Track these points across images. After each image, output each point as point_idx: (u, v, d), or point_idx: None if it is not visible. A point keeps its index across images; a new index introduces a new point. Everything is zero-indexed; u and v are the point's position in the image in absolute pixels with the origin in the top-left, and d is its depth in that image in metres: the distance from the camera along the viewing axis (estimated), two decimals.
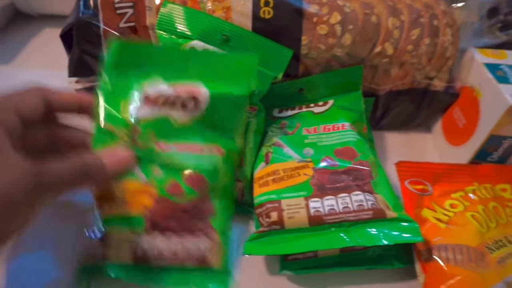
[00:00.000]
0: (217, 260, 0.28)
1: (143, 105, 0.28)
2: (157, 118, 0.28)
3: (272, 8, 0.32)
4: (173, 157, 0.28)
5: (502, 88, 0.32)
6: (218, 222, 0.28)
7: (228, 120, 0.30)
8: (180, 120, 0.28)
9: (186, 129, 0.28)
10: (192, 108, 0.28)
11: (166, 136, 0.28)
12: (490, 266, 0.27)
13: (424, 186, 0.32)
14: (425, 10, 0.35)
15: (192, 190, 0.27)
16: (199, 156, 0.28)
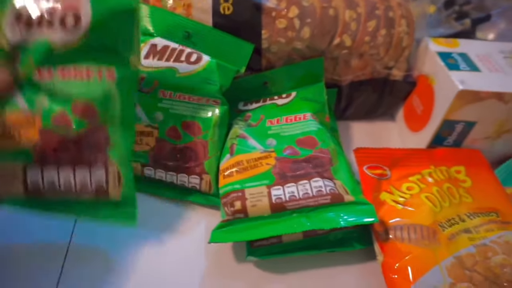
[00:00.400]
0: (116, 191, 0.27)
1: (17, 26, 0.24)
2: (34, 41, 0.25)
3: (232, 4, 0.33)
4: (58, 86, 0.25)
5: (453, 75, 0.34)
6: (116, 151, 0.26)
7: (118, 38, 0.26)
8: (61, 41, 0.25)
9: (70, 52, 0.25)
10: (72, 26, 0.25)
11: (48, 62, 0.25)
12: (441, 242, 0.29)
13: (383, 171, 0.33)
14: (381, 2, 0.37)
15: (81, 120, 0.25)
16: (87, 82, 0.26)
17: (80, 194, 0.26)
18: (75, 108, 0.25)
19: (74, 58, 0.25)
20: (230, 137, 0.34)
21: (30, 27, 0.24)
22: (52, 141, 0.25)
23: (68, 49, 0.25)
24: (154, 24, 0.34)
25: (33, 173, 0.25)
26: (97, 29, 0.25)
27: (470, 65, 0.35)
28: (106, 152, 0.26)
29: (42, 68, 0.25)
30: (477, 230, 0.30)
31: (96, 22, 0.25)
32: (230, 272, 0.30)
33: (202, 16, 0.34)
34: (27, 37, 0.25)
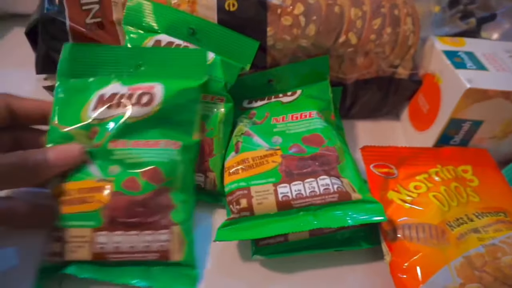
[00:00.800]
0: (179, 253, 0.28)
1: (99, 106, 0.29)
2: (113, 117, 0.28)
3: (237, 0, 0.33)
4: (130, 154, 0.28)
5: (459, 73, 0.33)
6: (178, 215, 0.28)
7: (182, 113, 0.30)
8: (136, 115, 0.29)
9: (142, 124, 0.29)
10: (146, 103, 0.29)
11: (123, 134, 0.28)
12: (450, 242, 0.28)
13: (389, 170, 0.33)
14: (386, 1, 0.37)
15: (148, 184, 0.28)
16: (155, 150, 0.29)
17: (144, 256, 0.27)
18: (144, 173, 0.28)
19: (146, 130, 0.29)
20: (235, 135, 0.33)
21: (110, 107, 0.29)
22: (121, 204, 0.27)
23: (140, 121, 0.29)
24: (158, 21, 0.33)
25: (101, 237, 0.26)
26: (167, 105, 0.29)
27: (476, 63, 0.35)
28: (169, 215, 0.28)
29: (116, 139, 0.28)
30: (485, 230, 0.29)
31: (166, 99, 0.29)
32: (235, 271, 0.30)
33: (207, 13, 0.33)
34: (106, 115, 0.28)
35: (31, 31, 0.35)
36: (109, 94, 0.29)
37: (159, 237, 0.27)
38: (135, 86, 0.30)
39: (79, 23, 0.34)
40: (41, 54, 0.35)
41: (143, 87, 0.29)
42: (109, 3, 0.34)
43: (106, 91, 0.29)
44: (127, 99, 0.29)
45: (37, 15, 0.34)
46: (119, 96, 0.29)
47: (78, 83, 0.30)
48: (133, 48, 0.32)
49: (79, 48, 0.30)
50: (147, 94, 0.29)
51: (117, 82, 0.30)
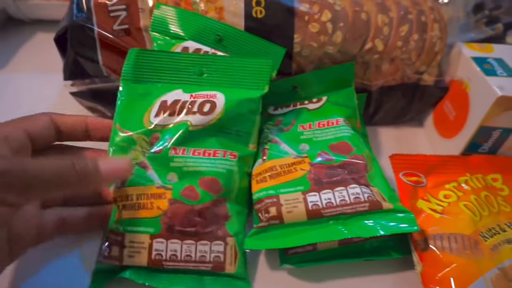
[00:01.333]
0: (232, 265, 0.28)
1: (161, 112, 0.29)
2: (175, 124, 0.29)
3: (264, 7, 0.33)
4: (189, 162, 0.28)
5: (490, 81, 0.33)
6: (233, 226, 0.28)
7: (242, 123, 0.30)
8: (197, 124, 0.29)
9: (202, 132, 0.29)
10: (208, 112, 0.29)
11: (183, 141, 0.29)
12: (484, 253, 0.28)
13: (418, 178, 0.32)
14: (413, 7, 0.36)
15: (207, 193, 0.28)
16: (214, 160, 0.29)
17: (198, 266, 0.27)
18: (202, 182, 0.28)
19: (204, 138, 0.29)
20: (261, 142, 0.33)
21: (172, 114, 0.29)
22: (180, 212, 0.27)
23: (201, 129, 0.29)
24: (185, 28, 0.33)
25: (159, 244, 0.27)
26: (227, 114, 0.29)
27: (507, 70, 0.34)
28: (225, 226, 0.28)
29: (177, 146, 0.28)
30: None
31: (227, 109, 0.29)
32: (263, 279, 0.29)
33: (234, 20, 0.33)
34: (168, 121, 0.29)
35: (59, 38, 0.35)
36: (172, 101, 0.29)
37: (214, 248, 0.27)
38: (197, 93, 0.30)
39: (106, 29, 0.34)
40: (69, 60, 0.35)
41: (205, 95, 0.30)
42: (137, 10, 0.34)
43: (169, 97, 0.30)
44: (189, 106, 0.29)
45: (66, 22, 0.34)
46: (182, 103, 0.29)
47: (141, 88, 0.30)
48: (196, 55, 0.32)
49: (143, 54, 0.30)
50: (209, 102, 0.29)
51: (179, 89, 0.30)
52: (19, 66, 0.47)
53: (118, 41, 0.34)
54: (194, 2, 0.33)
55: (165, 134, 0.29)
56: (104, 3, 0.34)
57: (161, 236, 0.27)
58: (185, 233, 0.27)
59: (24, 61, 0.48)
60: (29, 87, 0.44)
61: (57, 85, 0.42)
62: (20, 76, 0.45)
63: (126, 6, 0.34)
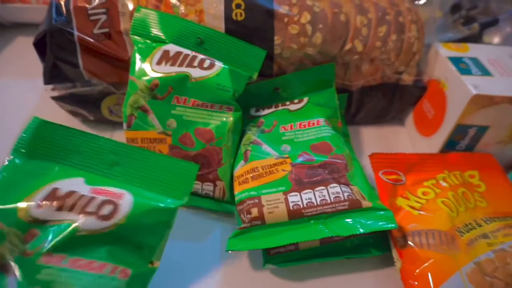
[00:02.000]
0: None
1: (48, 203, 0.23)
2: (59, 222, 0.23)
3: (244, 10, 0.33)
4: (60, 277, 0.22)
5: (465, 80, 0.34)
6: None
7: (147, 235, 0.25)
8: (88, 228, 0.23)
9: (92, 240, 0.23)
10: (106, 216, 0.23)
11: (64, 248, 0.23)
12: (460, 248, 0.28)
13: (398, 176, 0.33)
14: (391, 8, 0.37)
15: None
16: (97, 276, 0.23)
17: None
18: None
19: (93, 246, 0.23)
20: (243, 143, 0.34)
21: (60, 209, 0.23)
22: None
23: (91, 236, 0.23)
24: (165, 31, 0.34)
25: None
26: (131, 223, 0.24)
27: (482, 69, 0.35)
28: None
29: (53, 253, 0.22)
30: (494, 235, 0.29)
31: (132, 216, 0.24)
32: (247, 279, 0.30)
33: (215, 22, 0.33)
34: (52, 217, 0.23)
35: (38, 42, 0.35)
36: (65, 191, 0.24)
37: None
38: (100, 188, 0.24)
39: (86, 33, 0.34)
40: (49, 64, 0.35)
41: (109, 193, 0.24)
42: (117, 14, 0.34)
43: (64, 185, 0.24)
44: (85, 204, 0.23)
45: (45, 26, 0.34)
46: (77, 197, 0.24)
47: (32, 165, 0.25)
48: (115, 143, 0.26)
49: (48, 126, 0.25)
50: (111, 203, 0.24)
51: (81, 177, 0.25)
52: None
53: (98, 44, 0.34)
54: (174, 5, 0.34)
55: (44, 233, 0.23)
56: (83, 6, 0.34)
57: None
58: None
59: (4, 65, 0.47)
60: (10, 91, 0.44)
61: (39, 89, 0.42)
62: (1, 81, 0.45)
63: (106, 9, 0.34)
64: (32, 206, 0.23)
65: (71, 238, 0.23)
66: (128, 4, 0.34)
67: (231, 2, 0.33)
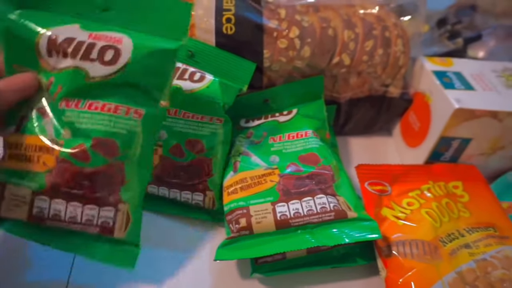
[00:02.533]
0: (122, 230, 0.25)
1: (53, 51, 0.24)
2: (67, 68, 0.24)
3: (234, 24, 0.34)
4: (83, 117, 0.24)
5: (448, 94, 0.35)
6: (130, 191, 0.26)
7: (152, 77, 0.26)
8: (96, 74, 0.24)
9: (102, 84, 0.25)
10: (110, 60, 0.24)
11: (78, 92, 0.25)
12: (443, 257, 0.29)
13: (383, 187, 0.34)
14: (378, 23, 0.38)
15: (100, 156, 0.24)
16: (113, 117, 0.25)
17: (84, 228, 0.25)
18: (96, 144, 0.24)
19: (106, 92, 0.25)
20: (233, 154, 0.34)
21: (65, 55, 0.24)
22: (67, 173, 0.24)
23: (102, 82, 0.25)
24: None
25: (41, 201, 0.24)
26: (135, 66, 0.25)
27: (464, 84, 0.36)
28: (119, 191, 0.25)
29: (70, 98, 0.25)
30: (476, 245, 0.30)
31: (135, 59, 0.25)
32: None
33: (206, 36, 0.34)
34: (61, 64, 0.24)
35: None
36: (64, 38, 0.24)
37: (103, 213, 0.25)
38: (97, 33, 0.25)
39: None
40: None
41: (108, 37, 0.25)
42: None
43: (60, 31, 0.24)
44: (87, 50, 0.24)
45: None
46: (77, 43, 0.24)
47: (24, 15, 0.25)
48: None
49: None
50: (112, 48, 0.24)
51: (74, 24, 0.25)
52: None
53: None
54: None
55: (57, 80, 0.24)
56: None
57: (43, 194, 0.24)
58: (71, 195, 0.24)
59: None
60: None
61: None
62: None
63: None
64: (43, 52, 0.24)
65: (83, 84, 0.24)
66: None
67: (221, 16, 0.34)
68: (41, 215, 0.24)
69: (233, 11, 0.34)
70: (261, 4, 0.35)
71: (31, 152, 0.24)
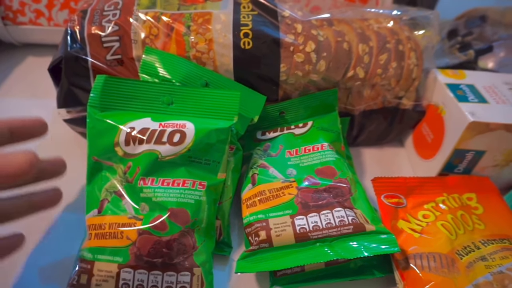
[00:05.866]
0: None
1: (130, 140, 0.29)
2: (143, 152, 0.29)
3: (251, 39, 0.35)
4: (158, 192, 0.29)
5: (462, 107, 0.35)
6: (200, 256, 0.29)
7: (211, 153, 0.30)
8: (167, 154, 0.29)
9: (171, 163, 0.29)
10: (178, 142, 0.29)
11: (152, 171, 0.29)
12: (460, 270, 0.30)
13: (399, 199, 0.34)
14: (391, 36, 0.39)
15: (175, 224, 0.28)
16: (182, 190, 0.29)
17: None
18: (171, 213, 0.28)
19: (173, 168, 0.29)
20: (251, 167, 0.35)
21: (141, 143, 0.29)
22: (148, 243, 0.27)
23: (171, 159, 0.29)
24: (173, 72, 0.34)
25: (126, 273, 0.27)
26: (197, 144, 0.30)
27: (478, 96, 0.37)
28: (192, 256, 0.28)
29: (146, 177, 0.29)
30: (492, 258, 0.31)
31: (197, 138, 0.30)
32: None
33: (224, 51, 0.35)
34: (137, 150, 0.29)
35: (53, 67, 0.36)
36: (140, 129, 0.29)
37: (181, 279, 0.27)
38: (166, 122, 0.30)
39: (100, 59, 0.35)
40: (63, 89, 0.36)
41: (174, 125, 0.30)
42: (129, 41, 0.35)
43: (136, 124, 0.30)
44: (159, 135, 0.29)
45: (61, 52, 0.35)
46: (151, 131, 0.29)
47: (108, 116, 0.30)
48: (165, 85, 0.32)
49: (111, 81, 0.30)
50: (179, 132, 0.29)
51: (148, 117, 0.30)
52: (10, 90, 0.47)
53: (111, 70, 0.36)
54: (185, 33, 0.35)
55: (135, 163, 0.29)
56: (97, 34, 0.35)
57: (128, 267, 0.27)
58: (152, 264, 0.27)
59: (15, 84, 0.48)
60: (21, 111, 0.45)
61: (48, 108, 0.43)
62: (11, 100, 0.46)
63: (119, 37, 0.35)
64: (121, 144, 0.29)
65: (156, 164, 0.29)
66: (140, 32, 0.35)
67: (239, 31, 0.35)
68: (126, 287, 0.27)
69: (251, 26, 0.35)
70: (277, 19, 0.36)
71: (114, 229, 0.28)
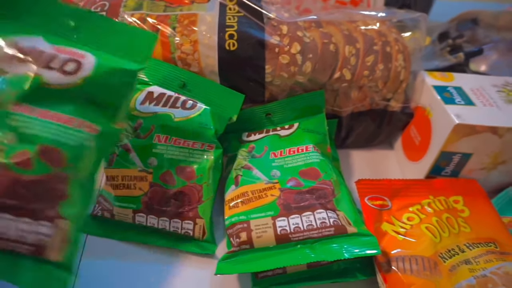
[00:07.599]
0: (58, 252, 0.23)
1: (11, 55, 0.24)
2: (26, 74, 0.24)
3: (236, 40, 0.35)
4: (32, 124, 0.23)
5: (448, 109, 0.35)
6: (70, 209, 0.24)
7: (110, 94, 0.26)
8: (54, 82, 0.24)
9: (58, 94, 0.24)
10: (71, 72, 0.25)
11: (31, 98, 0.24)
12: (442, 274, 0.29)
13: (383, 202, 0.34)
14: (378, 38, 0.39)
15: (43, 164, 0.23)
16: (63, 127, 0.24)
17: (15, 246, 0.22)
18: (41, 151, 0.23)
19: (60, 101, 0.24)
20: (234, 168, 0.35)
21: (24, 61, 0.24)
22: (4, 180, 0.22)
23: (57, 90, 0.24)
24: (151, 74, 0.35)
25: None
26: (94, 81, 0.25)
27: (465, 99, 0.37)
28: (58, 206, 0.23)
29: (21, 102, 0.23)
30: (477, 261, 0.30)
31: (96, 74, 0.25)
32: None
33: (209, 52, 0.35)
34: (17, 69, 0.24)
35: None
36: (27, 46, 0.24)
37: (38, 229, 0.22)
38: (62, 47, 0.25)
39: None
40: None
41: (71, 52, 0.25)
42: None
43: (24, 40, 0.24)
44: (49, 59, 0.24)
45: None
46: (39, 52, 0.24)
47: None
48: (73, 8, 0.27)
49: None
50: (74, 61, 0.25)
51: (40, 37, 0.25)
52: None
53: None
54: (170, 35, 0.35)
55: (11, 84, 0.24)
56: None
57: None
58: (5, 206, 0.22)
59: None
60: None
61: None
62: None
63: None
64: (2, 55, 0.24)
65: (37, 90, 0.24)
66: None
67: (224, 33, 0.35)
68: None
69: (236, 27, 0.35)
70: (263, 21, 0.36)
71: None
